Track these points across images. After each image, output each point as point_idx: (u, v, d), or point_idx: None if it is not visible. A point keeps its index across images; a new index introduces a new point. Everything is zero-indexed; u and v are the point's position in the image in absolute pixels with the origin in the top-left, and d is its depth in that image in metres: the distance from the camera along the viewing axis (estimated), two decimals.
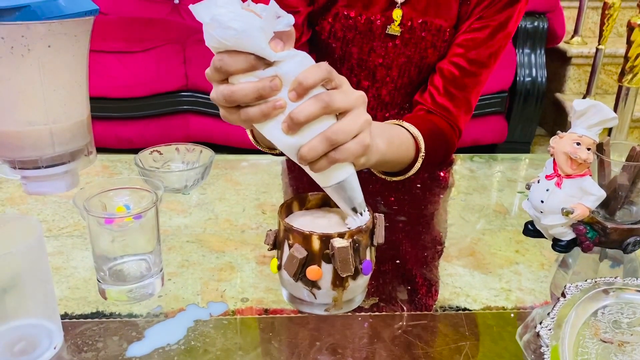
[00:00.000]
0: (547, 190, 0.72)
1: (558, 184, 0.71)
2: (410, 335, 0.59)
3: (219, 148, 2.22)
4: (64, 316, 0.61)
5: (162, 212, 0.82)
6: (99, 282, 0.63)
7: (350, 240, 0.57)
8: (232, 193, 0.89)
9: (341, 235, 0.57)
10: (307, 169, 0.57)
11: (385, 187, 0.95)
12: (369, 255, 0.60)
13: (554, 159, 0.73)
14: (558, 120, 2.74)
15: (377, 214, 0.61)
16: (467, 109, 0.96)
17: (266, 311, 0.63)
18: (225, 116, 0.55)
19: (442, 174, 1.05)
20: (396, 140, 0.78)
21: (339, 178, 0.57)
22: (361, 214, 0.59)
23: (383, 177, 0.87)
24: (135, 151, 0.88)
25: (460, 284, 0.68)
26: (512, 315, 0.64)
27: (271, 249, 0.62)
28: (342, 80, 0.56)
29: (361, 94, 0.58)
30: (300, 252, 0.57)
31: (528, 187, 0.76)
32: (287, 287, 0.62)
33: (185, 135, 2.44)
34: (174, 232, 0.77)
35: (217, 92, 0.53)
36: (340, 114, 0.56)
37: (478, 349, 0.58)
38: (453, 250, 0.76)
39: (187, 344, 0.57)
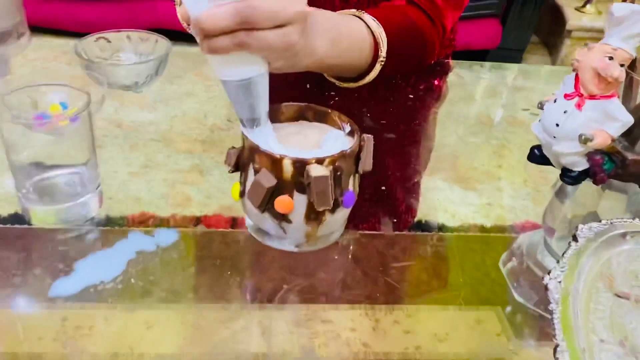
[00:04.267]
0: (564, 112, 0.61)
1: (579, 105, 0.60)
2: (386, 260, 0.52)
3: (190, 37, 2.02)
4: None
5: (125, 106, 0.72)
6: (21, 199, 0.52)
7: (331, 167, 0.46)
8: (202, 89, 0.79)
9: (320, 161, 0.45)
10: (201, 45, 0.44)
11: (372, 96, 0.83)
12: (352, 185, 0.50)
13: (576, 75, 0.61)
14: (554, 28, 2.57)
15: (365, 136, 0.49)
16: (457, 4, 0.79)
17: (234, 221, 0.55)
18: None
19: (436, 82, 0.93)
20: (345, 40, 0.63)
21: (243, 75, 0.45)
22: (256, 126, 0.48)
23: (332, 80, 0.73)
24: None
25: (439, 197, 0.63)
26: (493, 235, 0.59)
27: (233, 171, 0.50)
28: None
29: None
30: (268, 180, 0.46)
31: (541, 105, 0.65)
32: (251, 217, 0.51)
33: (154, 20, 2.22)
34: (137, 128, 0.68)
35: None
36: None
37: (460, 275, 0.52)
38: (433, 162, 0.70)
39: (125, 282, 0.47)
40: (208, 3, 0.41)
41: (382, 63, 0.66)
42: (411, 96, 0.84)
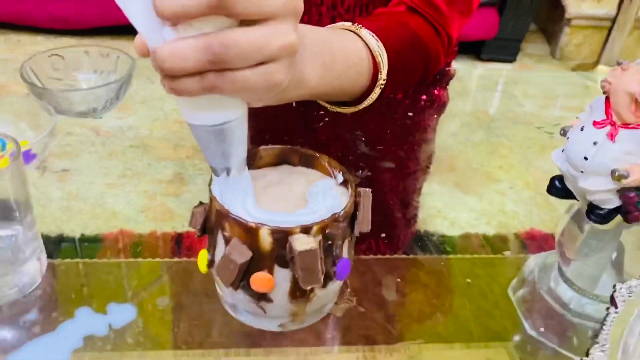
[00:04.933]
0: (594, 143, 0.52)
1: (611, 136, 0.51)
2: (383, 292, 0.47)
3: None
4: None
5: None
6: None
7: (320, 237, 0.36)
8: None
9: (305, 230, 0.36)
10: (165, 84, 0.33)
11: (366, 113, 0.73)
12: (347, 250, 0.41)
13: (606, 99, 0.52)
14: (552, 16, 2.48)
15: (361, 190, 0.40)
16: (464, 10, 0.67)
17: None
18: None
19: (436, 91, 0.83)
20: (340, 64, 0.52)
21: (215, 119, 0.35)
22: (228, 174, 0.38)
23: (324, 104, 0.63)
24: (74, 33, 0.66)
25: (437, 204, 0.59)
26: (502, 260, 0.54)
27: (199, 236, 0.41)
28: None
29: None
30: (240, 253, 0.37)
31: (564, 133, 0.56)
32: (224, 292, 0.42)
33: None
34: (114, 133, 0.65)
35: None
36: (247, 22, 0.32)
37: (466, 305, 0.47)
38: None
39: None
40: (169, 33, 0.31)
41: (382, 86, 0.56)
42: (410, 114, 0.74)
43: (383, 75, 0.55)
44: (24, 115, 0.57)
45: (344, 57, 0.51)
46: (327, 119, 0.70)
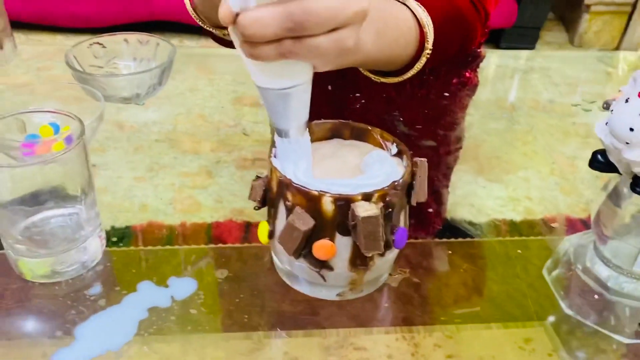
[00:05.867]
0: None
1: None
2: (419, 274, 0.47)
3: (189, 28, 1.92)
4: None
5: (127, 105, 0.67)
6: (7, 250, 0.44)
7: (381, 204, 0.37)
8: (205, 83, 0.74)
9: (367, 197, 0.37)
10: (241, 49, 0.35)
11: (400, 95, 0.74)
12: (403, 220, 0.41)
13: None
14: (571, 2, 2.45)
15: (418, 160, 0.40)
16: None
17: (248, 226, 0.51)
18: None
19: (467, 74, 0.83)
20: (391, 32, 0.54)
21: (284, 83, 0.36)
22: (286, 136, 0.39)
23: (368, 75, 0.64)
24: (93, 31, 0.67)
25: (463, 192, 0.58)
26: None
27: (259, 208, 0.42)
28: None
29: None
30: (304, 222, 0.37)
31: (607, 106, 0.56)
32: (281, 260, 0.43)
33: (149, 12, 2.11)
34: (139, 129, 0.64)
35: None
36: None
37: (502, 287, 0.47)
38: None
39: (137, 352, 0.39)
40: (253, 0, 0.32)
41: (428, 56, 0.57)
42: (446, 94, 0.75)
43: (429, 45, 0.56)
44: (71, 101, 0.58)
45: (395, 25, 0.53)
46: (363, 101, 0.71)
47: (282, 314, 0.42)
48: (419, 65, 0.58)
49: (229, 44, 0.56)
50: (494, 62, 0.89)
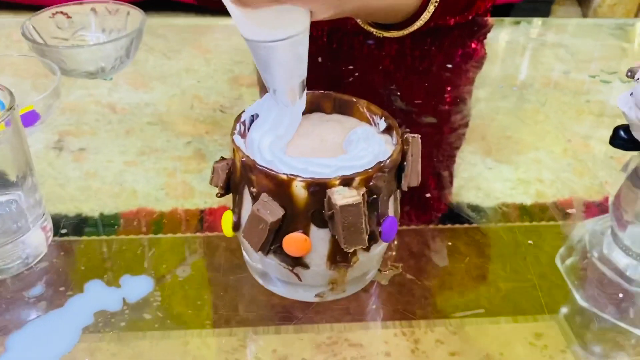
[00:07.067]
0: None
1: None
2: (420, 263, 0.43)
3: (173, 7, 1.83)
4: None
5: (117, 85, 0.63)
6: None
7: (364, 190, 0.31)
8: (201, 63, 0.69)
9: (346, 182, 0.30)
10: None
11: (398, 68, 0.67)
12: (392, 208, 0.35)
13: None
14: None
15: (409, 135, 0.34)
16: None
17: None
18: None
19: (473, 45, 0.77)
20: None
21: (279, 34, 0.32)
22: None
23: (370, 29, 0.58)
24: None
25: (470, 174, 0.54)
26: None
27: (221, 195, 0.35)
28: None
29: None
30: (271, 212, 0.31)
31: (632, 74, 0.49)
32: (253, 258, 0.37)
33: None
34: (131, 110, 0.60)
35: None
36: None
37: (509, 277, 0.42)
38: None
39: None
40: None
41: (436, 4, 0.51)
42: (449, 65, 0.68)
43: None
44: (27, 75, 0.52)
45: None
46: (357, 73, 0.64)
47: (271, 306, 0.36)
48: (426, 16, 0.53)
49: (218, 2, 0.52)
50: (502, 35, 0.82)
